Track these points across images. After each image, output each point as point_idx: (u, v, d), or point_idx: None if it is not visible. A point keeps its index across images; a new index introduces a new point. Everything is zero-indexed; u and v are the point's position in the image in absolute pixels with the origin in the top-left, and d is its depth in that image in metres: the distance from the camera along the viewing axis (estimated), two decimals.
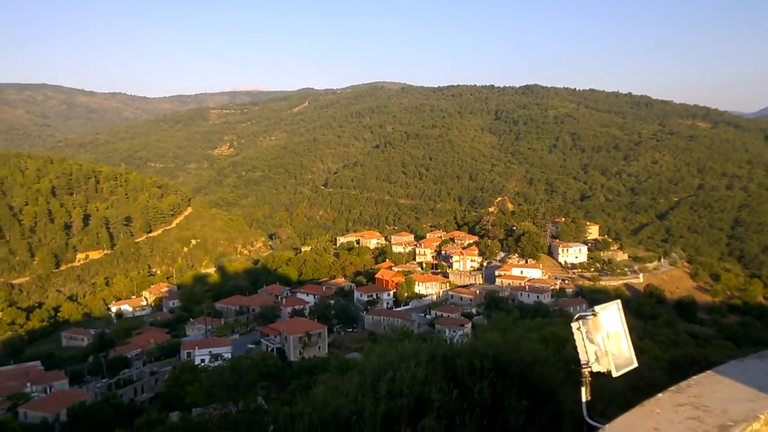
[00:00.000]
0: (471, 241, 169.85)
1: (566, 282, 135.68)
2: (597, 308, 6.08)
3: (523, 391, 11.17)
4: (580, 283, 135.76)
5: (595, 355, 5.96)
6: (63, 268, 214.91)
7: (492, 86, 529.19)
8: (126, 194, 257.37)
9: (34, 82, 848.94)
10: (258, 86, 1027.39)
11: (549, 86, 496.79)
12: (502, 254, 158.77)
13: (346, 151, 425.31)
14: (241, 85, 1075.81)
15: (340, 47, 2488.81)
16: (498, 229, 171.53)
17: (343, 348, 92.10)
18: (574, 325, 6.07)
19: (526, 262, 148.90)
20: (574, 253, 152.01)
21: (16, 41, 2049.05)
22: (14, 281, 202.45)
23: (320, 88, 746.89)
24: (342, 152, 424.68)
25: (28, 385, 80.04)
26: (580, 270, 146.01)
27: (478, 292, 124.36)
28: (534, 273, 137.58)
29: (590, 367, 5.99)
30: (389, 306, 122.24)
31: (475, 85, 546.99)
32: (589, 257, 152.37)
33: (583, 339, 6.00)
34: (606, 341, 5.97)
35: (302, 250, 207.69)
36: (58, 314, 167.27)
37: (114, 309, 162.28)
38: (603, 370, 5.97)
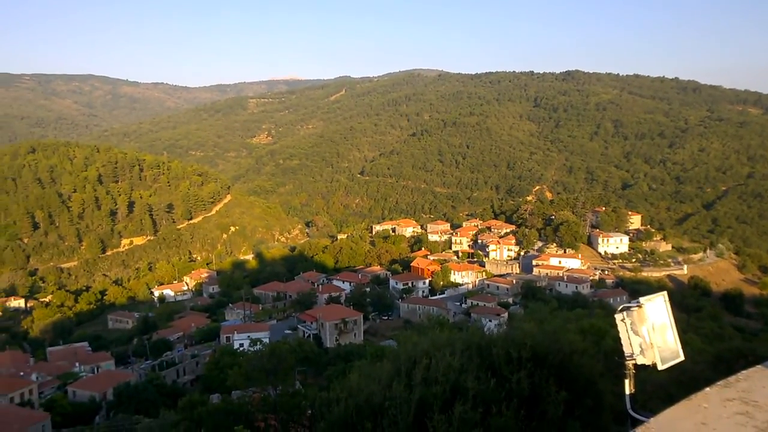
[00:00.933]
0: (508, 230, 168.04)
1: (606, 273, 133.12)
2: (642, 299, 5.89)
3: (562, 382, 11.02)
4: (621, 273, 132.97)
5: (640, 347, 5.77)
6: (109, 253, 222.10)
7: (531, 72, 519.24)
8: (168, 182, 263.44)
9: (81, 72, 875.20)
10: (295, 75, 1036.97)
11: (591, 72, 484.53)
12: (539, 244, 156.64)
13: (383, 139, 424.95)
14: (278, 75, 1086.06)
15: (377, 35, 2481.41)
16: (536, 218, 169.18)
17: (379, 335, 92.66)
18: (618, 317, 5.89)
19: (565, 251, 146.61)
20: (615, 243, 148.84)
21: (64, 33, 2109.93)
22: (63, 265, 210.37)
23: (357, 76, 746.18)
24: (378, 140, 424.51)
25: (77, 364, 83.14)
26: (620, 261, 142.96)
27: (514, 281, 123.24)
28: (572, 263, 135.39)
29: (634, 359, 5.81)
30: (425, 294, 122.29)
31: (513, 71, 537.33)
32: (630, 248, 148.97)
33: (627, 331, 5.81)
34: (651, 333, 5.77)
35: (338, 237, 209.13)
36: (105, 297, 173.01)
37: (157, 293, 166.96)
38: (648, 362, 5.79)
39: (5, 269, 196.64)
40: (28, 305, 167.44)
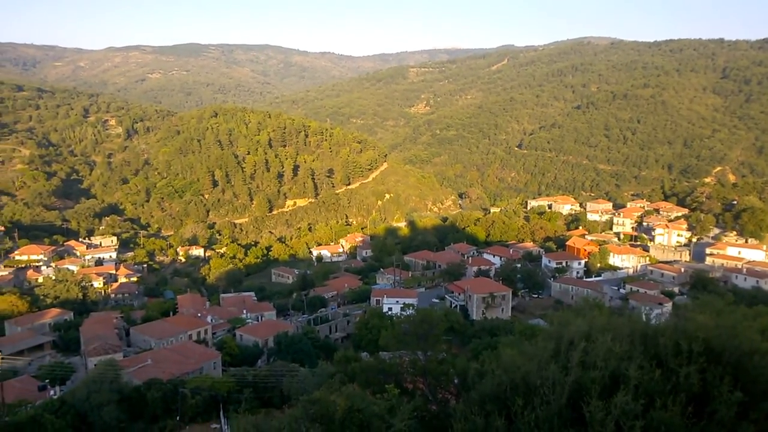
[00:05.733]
0: (679, 214, 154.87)
1: None
2: None
3: (738, 382, 10.08)
4: None
5: None
6: (275, 212, 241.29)
7: (721, 40, 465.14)
8: (330, 148, 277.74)
9: (258, 43, 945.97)
10: (457, 44, 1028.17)
11: None
12: (716, 231, 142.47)
13: (544, 112, 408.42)
14: (440, 44, 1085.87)
15: (543, 1, 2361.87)
16: (714, 203, 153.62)
17: (527, 313, 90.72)
18: None
19: (746, 241, 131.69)
20: None
21: (246, 4, 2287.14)
22: (236, 221, 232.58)
23: (520, 45, 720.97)
24: (539, 113, 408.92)
25: (244, 311, 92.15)
26: None
27: (683, 269, 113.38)
28: (755, 255, 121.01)
29: None
30: (579, 275, 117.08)
31: (699, 38, 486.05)
32: None
33: None
34: None
35: (491, 211, 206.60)
36: (270, 253, 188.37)
37: (315, 253, 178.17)
38: None
39: (189, 221, 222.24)
40: (206, 255, 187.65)
